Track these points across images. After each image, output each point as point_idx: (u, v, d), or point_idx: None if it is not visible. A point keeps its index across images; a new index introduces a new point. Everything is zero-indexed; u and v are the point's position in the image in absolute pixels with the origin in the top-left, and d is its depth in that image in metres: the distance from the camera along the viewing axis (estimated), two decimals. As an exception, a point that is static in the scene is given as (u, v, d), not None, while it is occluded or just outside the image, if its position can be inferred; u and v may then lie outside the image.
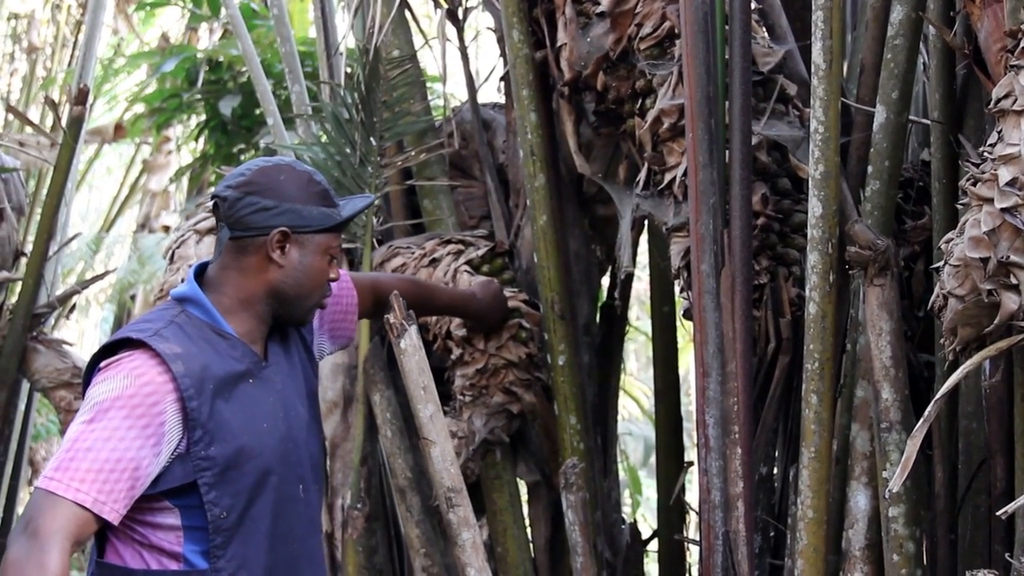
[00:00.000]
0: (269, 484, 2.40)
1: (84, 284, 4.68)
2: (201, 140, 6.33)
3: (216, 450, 2.32)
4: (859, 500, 2.89)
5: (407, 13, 3.96)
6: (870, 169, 2.92)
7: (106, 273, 5.20)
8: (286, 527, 2.44)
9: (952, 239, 2.40)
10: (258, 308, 2.47)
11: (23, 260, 4.52)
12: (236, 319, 2.45)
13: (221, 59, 5.83)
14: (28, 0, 8.86)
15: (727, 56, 2.95)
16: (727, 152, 2.93)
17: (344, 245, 3.81)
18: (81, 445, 2.24)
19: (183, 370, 2.30)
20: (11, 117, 7.77)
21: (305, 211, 2.45)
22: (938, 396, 2.45)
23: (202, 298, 2.44)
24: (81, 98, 4.25)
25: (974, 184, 2.35)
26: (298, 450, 2.50)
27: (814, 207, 2.79)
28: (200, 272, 2.51)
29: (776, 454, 3.34)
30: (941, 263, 2.44)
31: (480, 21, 4.77)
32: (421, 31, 4.12)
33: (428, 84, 4.11)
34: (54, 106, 4.59)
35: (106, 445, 2.23)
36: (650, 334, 4.16)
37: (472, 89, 3.94)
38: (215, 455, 2.32)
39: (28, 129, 5.58)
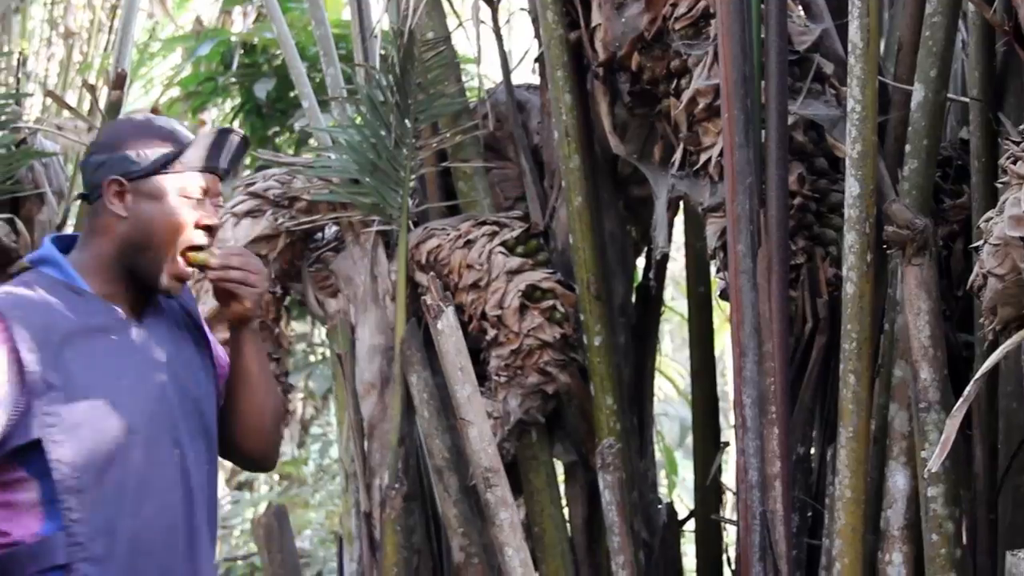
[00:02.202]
0: (133, 444, 2.24)
1: (123, 267, 4.71)
2: (236, 123, 6.37)
3: (63, 405, 2.18)
4: (898, 480, 2.88)
5: (441, -6, 3.96)
6: (908, 148, 2.90)
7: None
8: (158, 494, 2.27)
9: (991, 218, 2.39)
10: (115, 267, 2.34)
11: (63, 244, 4.56)
12: (96, 280, 2.32)
13: (256, 42, 5.86)
14: (64, -15, 8.91)
15: (763, 35, 2.93)
16: (763, 132, 2.92)
17: (380, 227, 3.83)
18: None
19: (21, 320, 2.18)
20: (49, 102, 7.82)
21: (136, 155, 2.30)
22: (977, 376, 2.44)
23: (57, 257, 2.33)
24: (119, 82, 4.28)
25: (1014, 163, 2.32)
26: (171, 412, 2.33)
27: (851, 187, 2.78)
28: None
29: (814, 434, 3.33)
30: (980, 242, 2.42)
31: (514, 2, 4.76)
32: (455, 12, 4.12)
33: (462, 66, 4.10)
34: (92, 90, 4.63)
35: None
36: (686, 315, 4.15)
37: (506, 70, 3.93)
38: (61, 410, 2.18)
39: (66, 113, 5.61)
